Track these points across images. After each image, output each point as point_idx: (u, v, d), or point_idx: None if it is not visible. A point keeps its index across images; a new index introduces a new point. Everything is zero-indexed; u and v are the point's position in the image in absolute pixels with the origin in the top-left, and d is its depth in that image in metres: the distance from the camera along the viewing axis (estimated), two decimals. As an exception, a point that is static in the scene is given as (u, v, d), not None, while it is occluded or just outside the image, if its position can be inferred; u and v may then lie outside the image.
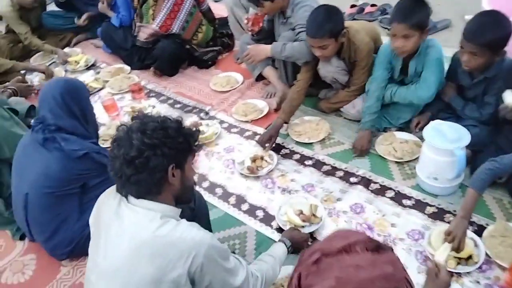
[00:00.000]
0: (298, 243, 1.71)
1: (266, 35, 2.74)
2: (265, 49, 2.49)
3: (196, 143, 1.28)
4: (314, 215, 1.90)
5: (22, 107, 2.50)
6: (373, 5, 3.54)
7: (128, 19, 3.35)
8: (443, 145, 1.82)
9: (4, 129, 2.03)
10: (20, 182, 1.84)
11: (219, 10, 3.65)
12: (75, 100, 1.79)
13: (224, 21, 3.64)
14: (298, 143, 2.41)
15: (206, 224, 1.68)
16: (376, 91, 2.23)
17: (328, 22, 2.12)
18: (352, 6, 3.61)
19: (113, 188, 1.31)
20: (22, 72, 3.37)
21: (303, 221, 1.86)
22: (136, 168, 1.17)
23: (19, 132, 2.07)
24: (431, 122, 1.93)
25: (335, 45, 2.20)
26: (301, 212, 1.90)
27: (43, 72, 3.37)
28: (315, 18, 2.15)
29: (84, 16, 3.79)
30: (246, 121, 2.64)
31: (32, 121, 1.88)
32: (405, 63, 2.19)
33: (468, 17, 3.31)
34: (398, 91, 2.20)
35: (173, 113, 2.87)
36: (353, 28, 2.27)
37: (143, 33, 3.17)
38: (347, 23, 2.28)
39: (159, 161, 1.18)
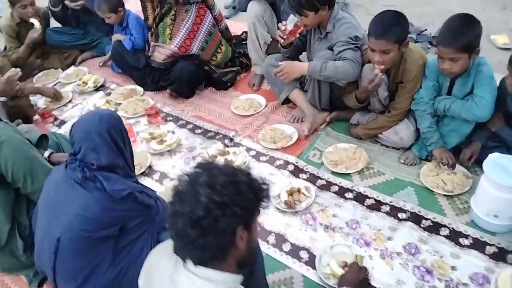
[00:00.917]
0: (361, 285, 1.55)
1: (294, 52, 2.61)
2: (301, 67, 2.31)
3: (265, 199, 1.12)
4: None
5: (34, 135, 2.30)
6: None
7: (142, 42, 3.20)
8: (507, 181, 1.70)
9: (29, 159, 1.82)
10: (51, 224, 1.64)
11: (234, 29, 3.50)
12: (120, 136, 1.64)
13: (239, 39, 3.51)
14: (334, 173, 2.26)
15: (261, 279, 1.50)
16: (426, 109, 2.11)
17: (396, 25, 2.00)
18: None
19: (165, 246, 1.15)
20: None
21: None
22: (203, 230, 1.00)
23: (46, 165, 1.88)
24: (491, 156, 1.80)
25: (397, 54, 2.06)
26: (346, 265, 1.71)
27: (50, 97, 3.17)
28: (381, 19, 2.02)
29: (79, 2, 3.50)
30: (276, 149, 2.48)
31: (68, 157, 1.69)
32: (452, 80, 2.06)
33: (495, 37, 3.27)
34: (453, 106, 2.03)
35: (195, 139, 2.70)
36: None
37: (160, 54, 3.00)
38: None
39: (229, 222, 1.02)
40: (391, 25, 1.99)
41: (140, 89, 3.23)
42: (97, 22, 3.58)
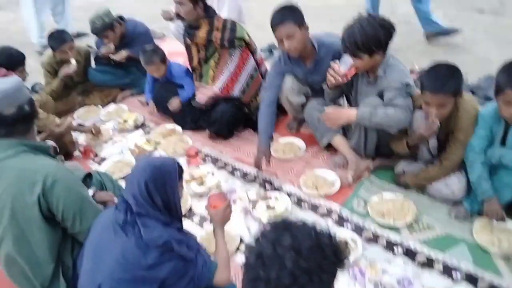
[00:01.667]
0: None
1: (337, 94, 2.59)
2: (348, 113, 2.29)
3: (346, 261, 1.06)
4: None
5: (80, 174, 2.32)
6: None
7: (193, 89, 3.23)
8: None
9: (81, 199, 1.80)
10: (94, 269, 1.61)
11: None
12: (160, 191, 1.61)
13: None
14: (381, 225, 2.18)
15: None
16: (477, 159, 2.04)
17: (452, 78, 1.97)
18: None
19: None
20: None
21: None
22: None
23: (95, 205, 1.87)
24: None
25: (453, 106, 2.03)
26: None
27: (90, 132, 3.23)
28: (437, 73, 1.99)
29: (123, 54, 3.65)
30: (318, 196, 2.43)
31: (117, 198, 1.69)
32: (506, 130, 2.00)
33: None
34: (507, 156, 1.97)
35: (234, 182, 2.67)
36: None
37: (202, 95, 3.04)
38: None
39: None
40: (447, 80, 1.96)
41: (179, 128, 3.26)
42: (138, 63, 3.68)
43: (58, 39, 3.43)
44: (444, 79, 1.96)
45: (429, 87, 1.99)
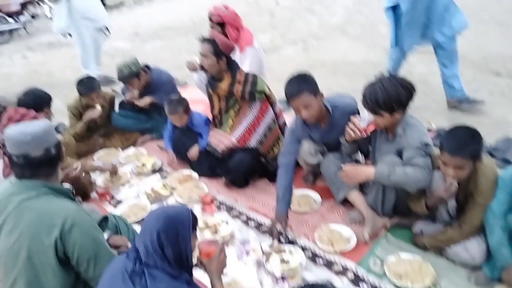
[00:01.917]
0: None
1: (354, 149, 2.61)
2: (367, 171, 2.29)
3: None
4: None
5: (96, 217, 2.33)
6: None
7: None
8: None
9: (97, 244, 1.80)
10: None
11: (289, 123, 3.60)
12: (171, 242, 1.60)
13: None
14: (398, 286, 2.12)
15: None
16: (498, 223, 2.01)
17: (472, 142, 1.98)
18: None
19: None
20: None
21: None
22: None
23: (110, 251, 1.86)
24: None
25: (471, 168, 2.03)
26: None
27: (109, 170, 3.29)
28: (457, 135, 2.01)
29: (147, 100, 3.77)
30: (333, 252, 2.39)
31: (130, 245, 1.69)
32: None
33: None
34: None
35: (248, 232, 2.65)
36: None
37: (218, 141, 3.09)
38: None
39: None
40: (467, 143, 1.98)
41: (195, 175, 3.30)
42: (160, 109, 3.80)
43: (87, 87, 3.58)
44: (463, 142, 1.98)
45: (448, 149, 2.00)
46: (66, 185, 2.68)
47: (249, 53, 3.75)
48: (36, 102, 2.99)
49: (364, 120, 2.31)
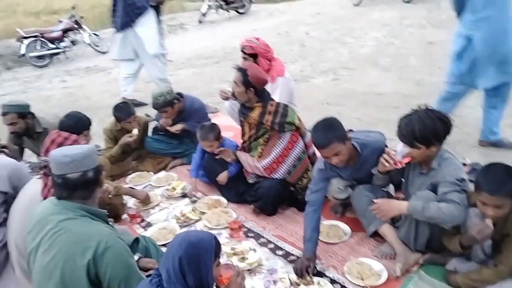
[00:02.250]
0: None
1: (386, 182, 2.59)
2: (400, 206, 2.26)
3: None
4: None
5: (128, 238, 2.38)
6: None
7: (239, 166, 3.33)
8: None
9: (128, 267, 1.83)
10: None
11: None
12: (193, 268, 1.60)
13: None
14: (431, 325, 2.05)
15: None
16: None
17: (510, 180, 1.94)
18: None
19: None
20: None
21: None
22: None
23: (140, 274, 1.89)
24: None
25: (510, 208, 1.98)
26: None
27: (141, 199, 3.35)
28: (495, 173, 1.97)
29: (179, 127, 3.87)
30: (363, 287, 2.33)
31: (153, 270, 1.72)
32: None
33: None
34: None
35: (276, 261, 2.63)
36: None
37: (247, 166, 3.12)
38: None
39: None
40: (505, 182, 1.94)
41: (224, 200, 3.32)
42: (191, 135, 3.91)
43: (125, 112, 3.73)
44: (502, 180, 1.94)
45: (487, 188, 1.95)
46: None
47: (280, 83, 3.82)
48: (77, 125, 3.10)
49: (400, 152, 2.29)
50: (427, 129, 2.18)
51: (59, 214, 1.83)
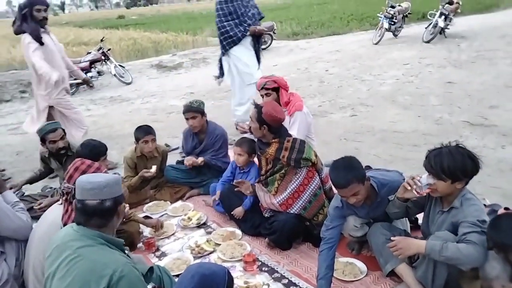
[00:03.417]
0: None
1: (403, 213, 2.55)
2: (418, 245, 2.22)
3: None
4: None
5: (143, 267, 2.38)
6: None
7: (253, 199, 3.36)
8: None
9: None
10: None
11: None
12: None
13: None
14: None
15: None
16: None
17: None
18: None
19: None
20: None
21: None
22: None
23: None
24: None
25: None
26: None
27: (154, 227, 3.38)
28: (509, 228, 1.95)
29: (200, 159, 3.97)
30: (379, 327, 2.28)
31: None
32: None
33: None
34: None
35: (289, 297, 2.59)
36: None
37: (266, 204, 3.12)
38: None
39: None
40: None
41: (239, 232, 3.32)
42: (210, 167, 4.01)
43: (143, 130, 3.89)
44: None
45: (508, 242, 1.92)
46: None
47: (298, 117, 3.87)
48: (93, 152, 3.21)
49: (424, 181, 2.28)
50: (456, 163, 2.19)
51: (78, 240, 1.87)
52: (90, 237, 1.87)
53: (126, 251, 2.21)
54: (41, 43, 4.58)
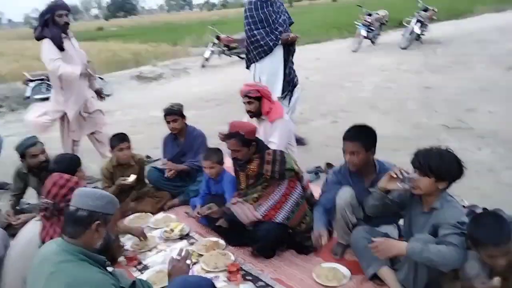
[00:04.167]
0: None
1: (383, 210, 2.58)
2: (399, 246, 2.26)
3: None
4: None
5: (125, 282, 2.34)
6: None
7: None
8: None
9: None
10: None
11: (316, 193, 3.60)
12: None
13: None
14: None
15: None
16: None
17: (505, 226, 1.98)
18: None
19: None
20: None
21: None
22: None
23: None
24: None
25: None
26: None
27: (138, 236, 3.33)
28: (493, 224, 1.99)
29: (180, 166, 4.02)
30: (364, 332, 2.28)
31: None
32: None
33: None
34: None
35: (274, 306, 2.58)
36: None
37: (245, 217, 3.07)
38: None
39: None
40: (503, 228, 1.97)
41: (222, 242, 3.29)
42: (189, 173, 4.04)
43: (119, 138, 3.90)
44: (500, 229, 1.97)
45: (491, 241, 1.95)
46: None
47: (279, 124, 3.89)
48: (70, 167, 3.11)
49: (409, 175, 2.34)
50: (443, 163, 2.25)
51: (59, 255, 1.84)
52: (71, 252, 1.85)
53: (110, 268, 2.19)
54: (62, 49, 4.49)
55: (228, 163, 3.55)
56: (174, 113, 4.04)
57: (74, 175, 2.97)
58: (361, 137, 2.72)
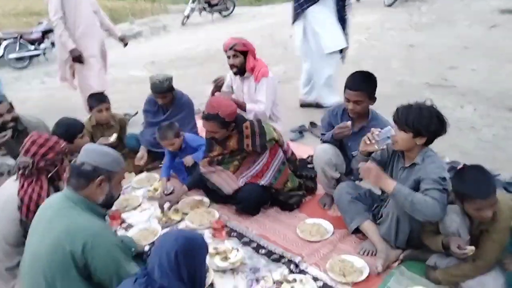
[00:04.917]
0: None
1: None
2: (388, 182, 2.27)
3: None
4: None
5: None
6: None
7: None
8: None
9: (114, 260, 1.89)
10: None
11: (300, 152, 3.64)
12: (188, 264, 1.62)
13: (304, 162, 3.60)
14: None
15: None
16: None
17: (490, 179, 2.03)
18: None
19: None
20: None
21: None
22: None
23: (130, 271, 1.91)
24: None
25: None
26: None
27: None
28: (479, 177, 2.03)
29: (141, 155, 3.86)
30: (345, 283, 2.34)
31: (138, 270, 1.73)
32: None
33: None
34: None
35: (259, 260, 2.63)
36: None
37: (226, 185, 3.08)
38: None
39: None
40: (489, 181, 2.03)
41: (206, 200, 3.30)
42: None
43: (95, 98, 3.77)
44: (486, 182, 2.01)
45: (479, 195, 1.99)
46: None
47: (264, 83, 3.82)
48: (69, 132, 3.05)
49: (385, 133, 2.36)
50: (422, 118, 2.23)
51: (63, 202, 1.94)
52: (74, 201, 1.93)
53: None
54: None
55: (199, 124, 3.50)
56: (163, 91, 3.70)
57: (72, 142, 2.95)
58: (365, 86, 2.73)
